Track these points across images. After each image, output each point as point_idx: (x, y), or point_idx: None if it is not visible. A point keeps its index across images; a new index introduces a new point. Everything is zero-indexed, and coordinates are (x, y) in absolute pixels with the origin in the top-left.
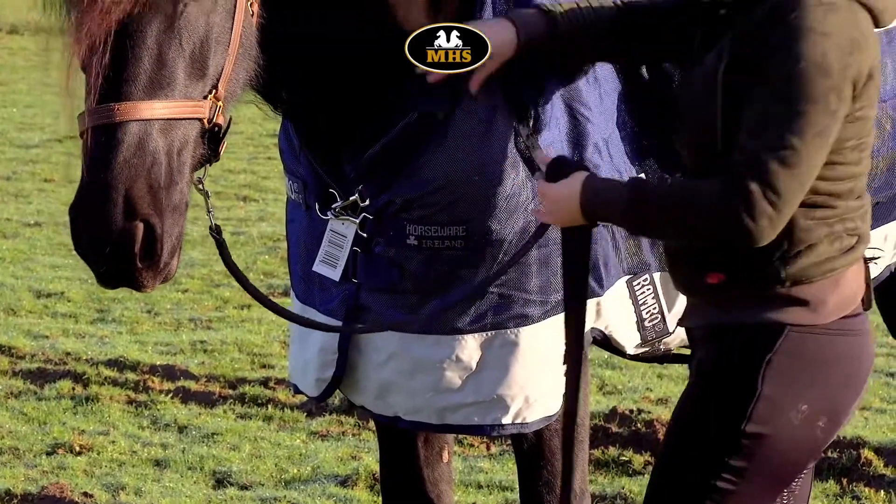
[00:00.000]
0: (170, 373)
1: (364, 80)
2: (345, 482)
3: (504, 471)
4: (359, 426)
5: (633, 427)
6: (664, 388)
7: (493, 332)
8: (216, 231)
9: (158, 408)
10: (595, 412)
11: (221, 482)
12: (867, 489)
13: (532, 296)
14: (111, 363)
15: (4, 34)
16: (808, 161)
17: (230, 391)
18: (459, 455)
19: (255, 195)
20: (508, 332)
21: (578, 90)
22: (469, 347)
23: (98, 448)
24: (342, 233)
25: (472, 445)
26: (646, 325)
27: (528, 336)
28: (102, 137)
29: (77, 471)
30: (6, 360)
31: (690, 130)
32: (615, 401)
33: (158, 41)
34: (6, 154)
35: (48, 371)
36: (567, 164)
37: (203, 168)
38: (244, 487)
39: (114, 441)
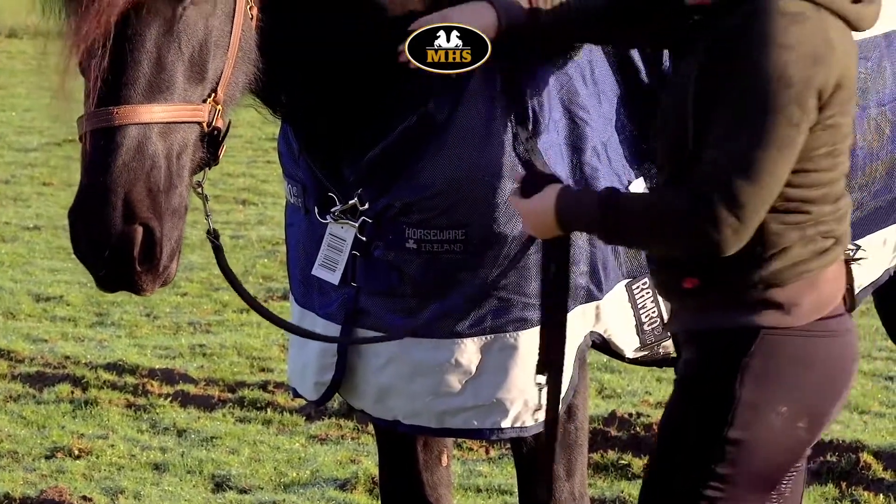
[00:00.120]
0: (169, 376)
1: (363, 84)
2: (344, 486)
3: (503, 474)
4: (358, 430)
5: (633, 431)
6: (663, 392)
7: (493, 336)
8: (213, 235)
9: (157, 411)
10: (594, 416)
11: (220, 486)
12: (866, 493)
13: (531, 300)
14: (110, 367)
15: (3, 37)
16: (772, 173)
17: (229, 395)
18: (458, 459)
19: (254, 199)
20: (507, 336)
21: (577, 93)
22: (468, 351)
23: (97, 452)
24: (341, 236)
25: (472, 449)
26: (645, 329)
27: (527, 340)
28: (101, 141)
29: (76, 475)
30: (5, 364)
31: (666, 136)
32: (614, 404)
33: (157, 45)
34: (5, 157)
35: (47, 375)
36: (541, 178)
37: (202, 172)
38: (243, 491)
39: (113, 445)
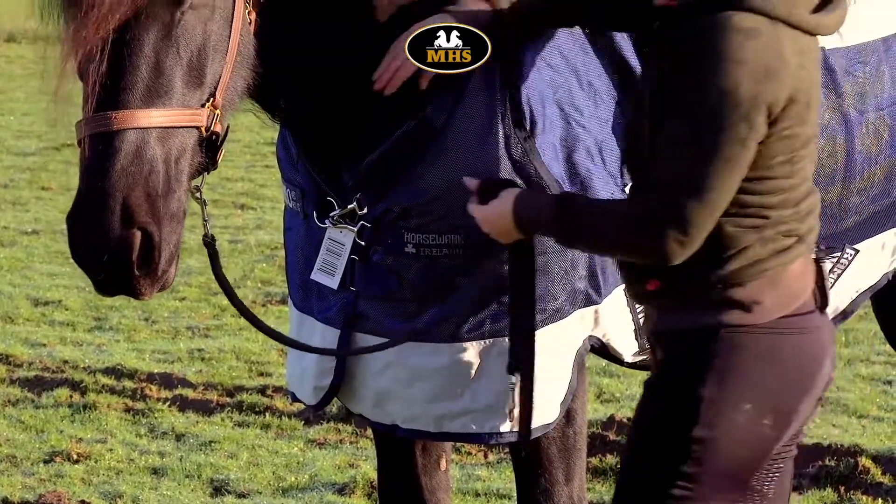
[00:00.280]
0: (167, 381)
1: (360, 90)
2: (342, 490)
3: (502, 479)
4: (356, 434)
5: None
6: None
7: (492, 341)
8: (210, 240)
9: (156, 416)
10: (593, 420)
11: (219, 490)
12: (865, 497)
13: None
14: (109, 371)
15: (2, 42)
16: (718, 190)
17: (228, 399)
18: (457, 463)
19: (253, 203)
20: (506, 341)
21: (572, 95)
22: (467, 355)
23: (95, 456)
24: (340, 241)
25: (470, 453)
26: (643, 333)
27: None
28: (100, 146)
29: (74, 479)
30: (3, 368)
31: (628, 144)
32: (613, 409)
33: (156, 49)
34: (3, 162)
35: (46, 379)
36: (499, 184)
37: (201, 176)
38: (242, 495)
39: (111, 449)
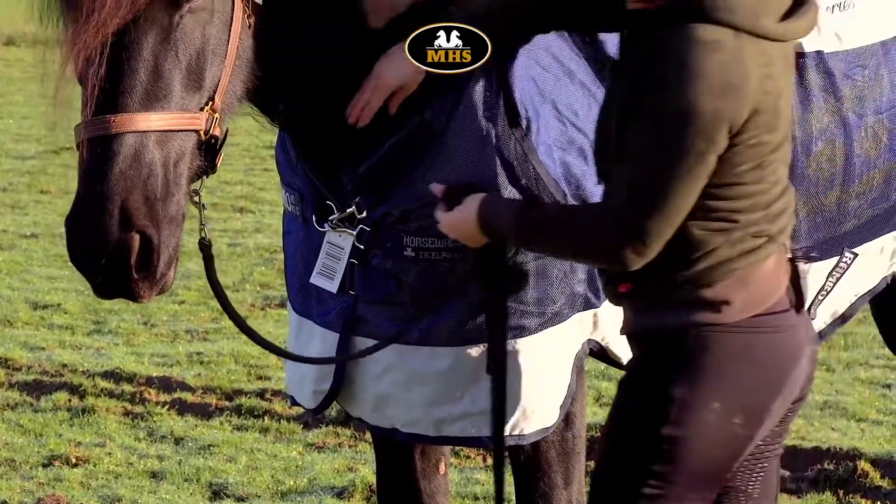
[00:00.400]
0: (166, 384)
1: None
2: (341, 494)
3: None
4: (355, 438)
5: None
6: None
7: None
8: (206, 244)
9: (155, 419)
10: (591, 424)
11: (218, 494)
12: (864, 501)
13: (529, 307)
14: (107, 375)
15: (1, 45)
16: (675, 200)
17: (227, 403)
18: (456, 467)
19: (252, 207)
20: (507, 344)
21: (568, 96)
22: (466, 359)
23: (94, 460)
24: (339, 245)
25: (469, 457)
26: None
27: (525, 348)
28: (98, 149)
29: (73, 483)
30: (2, 372)
31: (597, 150)
32: None
33: (155, 53)
34: (2, 165)
35: (44, 383)
36: (464, 189)
37: (200, 180)
38: (241, 499)
39: (110, 453)
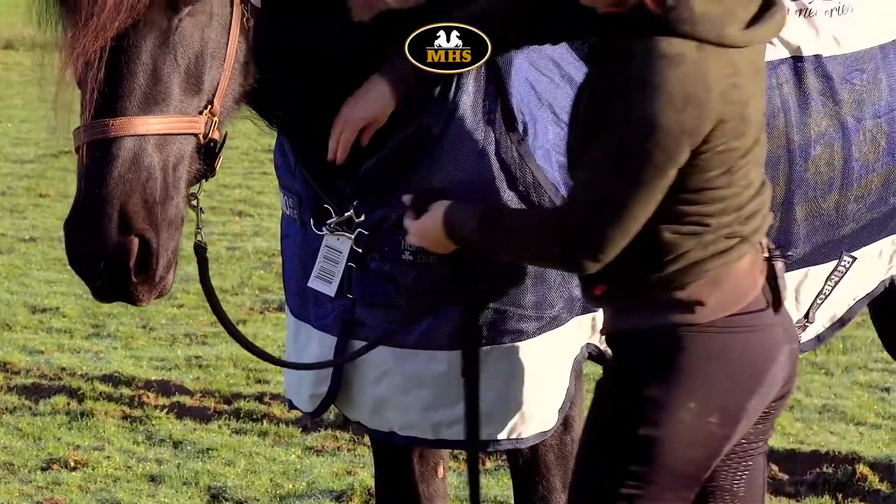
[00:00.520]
0: (165, 388)
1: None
2: (340, 497)
3: (499, 486)
4: (354, 441)
5: None
6: None
7: (488, 348)
8: (202, 247)
9: (153, 423)
10: None
11: (216, 497)
12: None
13: (527, 311)
14: (106, 378)
15: (0, 49)
16: (632, 211)
17: (225, 406)
18: (455, 470)
19: (251, 210)
20: (503, 348)
21: (567, 100)
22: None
23: (93, 463)
24: (337, 248)
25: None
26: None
27: (523, 351)
28: (97, 153)
29: (72, 486)
30: (1, 376)
31: (567, 158)
32: None
33: (153, 56)
34: (1, 169)
35: (43, 386)
36: (430, 196)
37: (198, 183)
38: (239, 503)
39: (109, 456)
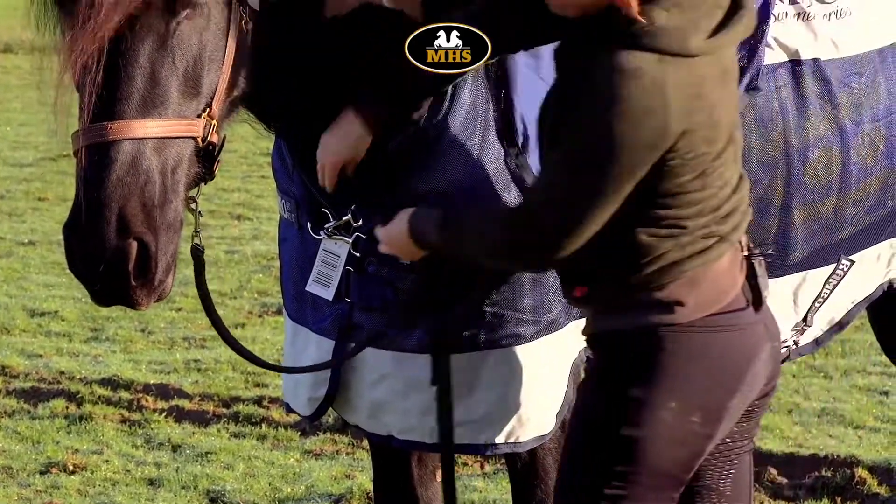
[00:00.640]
0: (164, 392)
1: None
2: (339, 501)
3: (498, 490)
4: (353, 445)
5: None
6: None
7: (486, 352)
8: (199, 250)
9: (152, 427)
10: None
11: (215, 501)
12: None
13: (525, 315)
14: (105, 382)
15: None
16: (587, 215)
17: (224, 410)
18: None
19: (249, 214)
20: (501, 352)
21: None
22: (462, 367)
23: (92, 467)
24: (335, 252)
25: (467, 464)
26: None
27: (521, 355)
28: (95, 156)
29: (71, 490)
30: (0, 380)
31: (539, 142)
32: None
33: (151, 60)
34: (0, 173)
35: (42, 390)
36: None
37: (197, 187)
38: None
39: (107, 460)
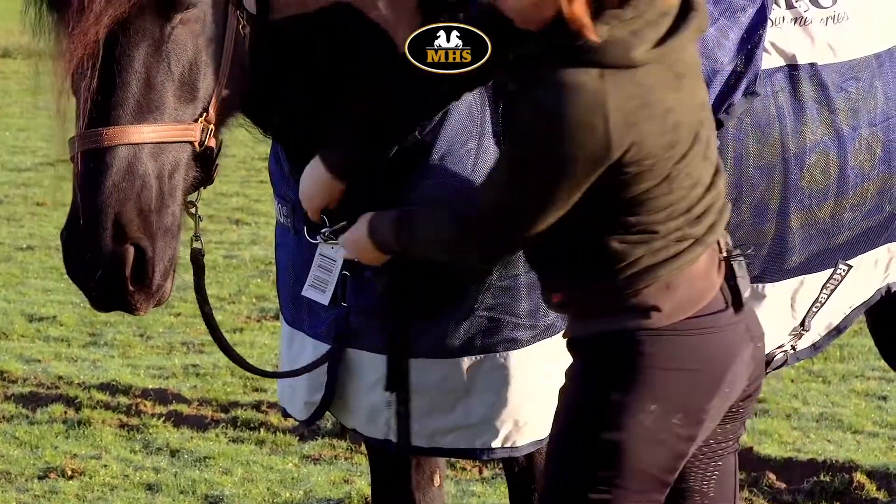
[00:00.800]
0: (162, 396)
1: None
2: None
3: (497, 494)
4: (351, 450)
5: None
6: None
7: (483, 356)
8: (199, 254)
9: (150, 431)
10: None
11: None
12: None
13: (521, 320)
14: (103, 387)
15: None
16: (529, 219)
17: (222, 415)
18: (452, 479)
19: (248, 218)
20: (498, 356)
21: None
22: (459, 371)
23: (90, 472)
24: (331, 257)
25: (465, 469)
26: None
27: (518, 360)
28: (91, 162)
29: (69, 495)
30: None
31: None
32: None
33: (146, 65)
34: None
35: (40, 395)
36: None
37: (197, 191)
38: None
39: (106, 465)
